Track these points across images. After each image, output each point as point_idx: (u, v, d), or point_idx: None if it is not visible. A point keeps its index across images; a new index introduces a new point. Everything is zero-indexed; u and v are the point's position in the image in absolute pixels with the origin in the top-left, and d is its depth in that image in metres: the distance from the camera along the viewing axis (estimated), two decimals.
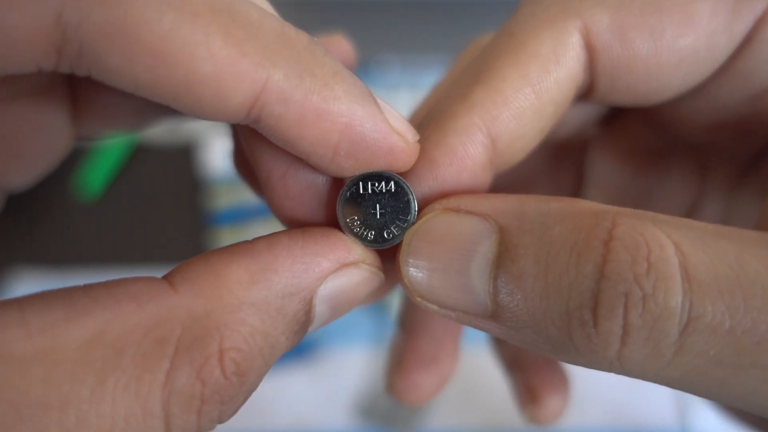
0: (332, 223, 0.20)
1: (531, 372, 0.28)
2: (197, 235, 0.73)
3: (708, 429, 0.57)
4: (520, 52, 0.19)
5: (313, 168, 0.19)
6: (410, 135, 0.19)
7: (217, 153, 0.79)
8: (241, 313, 0.16)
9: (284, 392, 0.60)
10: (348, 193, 0.19)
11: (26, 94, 0.21)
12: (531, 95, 0.19)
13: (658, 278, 0.15)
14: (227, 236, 0.71)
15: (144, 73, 0.15)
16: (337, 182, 0.20)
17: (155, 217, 0.75)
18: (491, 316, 0.18)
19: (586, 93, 0.21)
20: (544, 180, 0.29)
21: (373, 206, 0.19)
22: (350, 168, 0.18)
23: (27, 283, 0.67)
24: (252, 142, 0.19)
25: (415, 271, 0.19)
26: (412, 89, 0.85)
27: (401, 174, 0.19)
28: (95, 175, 0.78)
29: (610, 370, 0.16)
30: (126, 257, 0.71)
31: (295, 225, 0.20)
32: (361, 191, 0.19)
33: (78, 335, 0.15)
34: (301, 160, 0.19)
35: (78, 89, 0.23)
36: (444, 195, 0.20)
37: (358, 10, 0.91)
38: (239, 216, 0.72)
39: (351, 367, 0.61)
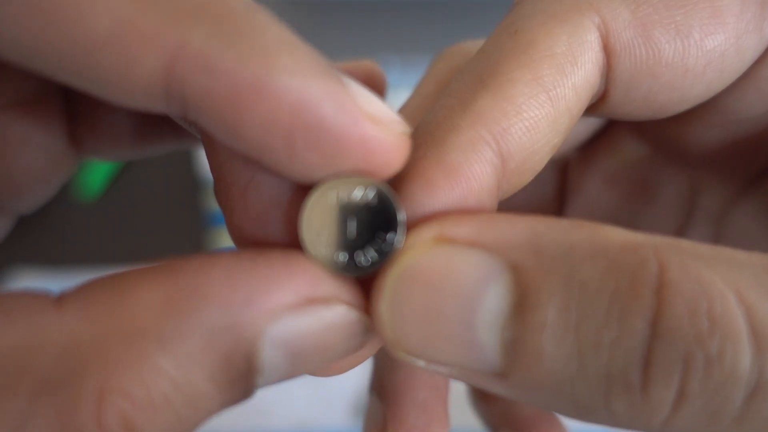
0: (300, 248, 0.15)
1: (525, 430, 0.24)
2: (197, 235, 0.73)
3: None
4: (530, 51, 0.16)
5: (275, 174, 0.15)
6: (394, 124, 0.15)
7: None
8: (143, 347, 0.12)
9: (284, 392, 0.60)
10: (315, 200, 0.15)
11: (11, 106, 0.19)
12: (546, 103, 0.16)
13: (723, 338, 0.12)
14: (227, 236, 0.71)
15: (23, 33, 0.12)
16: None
17: (155, 218, 0.75)
18: (499, 375, 0.14)
19: (593, 104, 0.18)
20: (523, 203, 0.26)
21: (346, 220, 0.15)
22: (316, 166, 0.14)
23: (27, 283, 0.67)
24: (211, 149, 0.16)
25: (400, 321, 0.14)
26: (412, 89, 0.85)
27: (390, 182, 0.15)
28: (95, 175, 0.78)
29: None
30: (126, 257, 0.71)
31: None
32: (332, 201, 0.15)
33: None
34: (263, 173, 0.15)
35: (74, 108, 0.21)
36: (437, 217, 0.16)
37: (358, 10, 0.91)
38: None
39: None
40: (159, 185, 0.79)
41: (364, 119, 0.14)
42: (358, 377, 0.61)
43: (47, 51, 0.12)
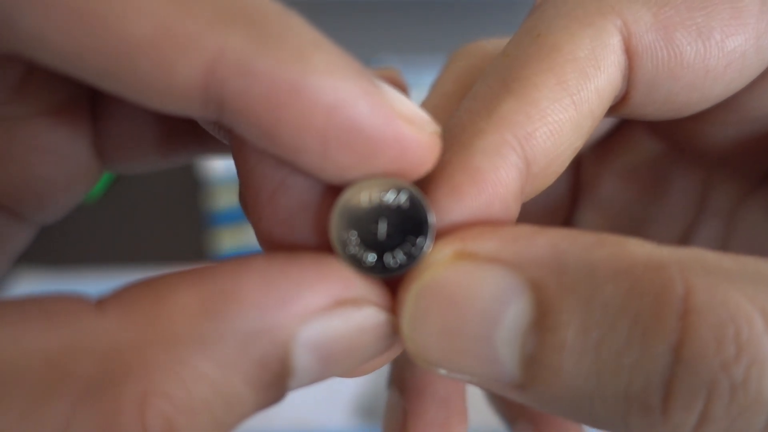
0: (330, 251, 0.15)
1: (542, 425, 0.24)
2: (197, 235, 0.73)
3: None
4: (554, 55, 0.16)
5: (308, 174, 0.15)
6: (426, 124, 0.15)
7: None
8: (183, 350, 0.12)
9: None
10: (347, 200, 0.15)
11: (41, 114, 0.19)
12: (570, 107, 0.16)
13: (749, 364, 0.12)
14: (227, 236, 0.71)
15: (65, 39, 0.12)
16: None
17: (155, 218, 0.75)
18: (519, 387, 0.14)
19: (614, 105, 0.18)
20: (535, 199, 0.27)
21: (376, 222, 0.15)
22: (350, 165, 0.14)
23: (27, 283, 0.67)
24: (240, 154, 0.16)
25: (421, 334, 0.15)
26: (412, 89, 0.85)
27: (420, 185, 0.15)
28: None
29: None
30: (126, 257, 0.71)
31: None
32: (364, 201, 0.15)
33: None
34: (293, 176, 0.15)
35: (100, 118, 0.21)
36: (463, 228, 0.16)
37: (358, 10, 0.91)
38: (239, 216, 0.72)
39: None
40: (160, 186, 0.79)
41: (397, 119, 0.14)
42: (358, 378, 0.61)
43: (89, 56, 0.12)
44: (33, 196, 0.20)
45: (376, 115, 0.14)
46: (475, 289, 0.14)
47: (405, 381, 0.21)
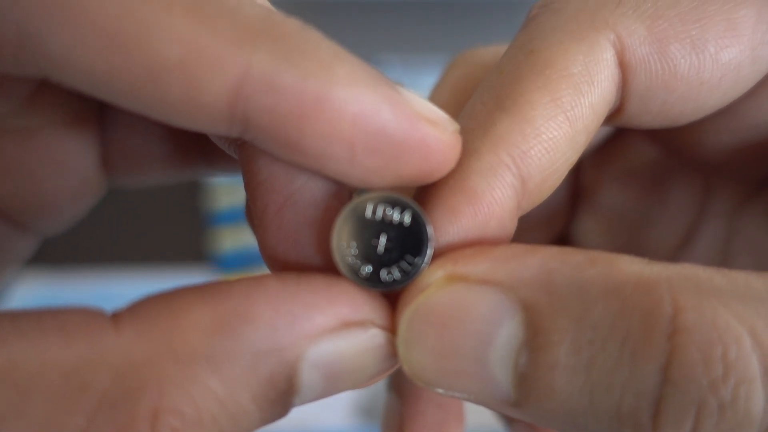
0: (334, 271, 0.16)
1: (538, 427, 0.25)
2: (197, 235, 0.73)
3: None
4: (547, 71, 0.16)
5: (334, 180, 0.15)
6: (447, 123, 0.15)
7: None
8: (194, 367, 0.13)
9: None
10: (351, 211, 0.15)
11: (51, 127, 0.20)
12: (564, 123, 0.16)
13: (737, 383, 0.12)
14: (227, 236, 0.71)
15: (95, 62, 0.13)
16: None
17: (155, 217, 0.75)
18: (514, 404, 0.15)
19: (610, 116, 0.18)
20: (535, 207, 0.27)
21: (378, 236, 0.15)
22: (378, 169, 0.15)
23: (27, 283, 0.67)
24: (249, 170, 0.16)
25: (416, 356, 0.15)
26: (412, 89, 0.85)
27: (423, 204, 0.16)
28: None
29: None
30: (126, 257, 0.71)
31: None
32: (368, 214, 0.15)
33: None
34: (300, 192, 0.16)
35: (108, 134, 0.21)
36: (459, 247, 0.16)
37: (358, 10, 0.91)
38: (239, 216, 0.72)
39: None
40: (159, 186, 0.79)
41: (420, 121, 0.14)
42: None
43: (119, 79, 0.13)
44: (39, 207, 0.20)
45: (400, 119, 0.14)
46: (468, 310, 0.15)
47: (403, 385, 0.22)
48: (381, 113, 0.14)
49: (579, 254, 0.15)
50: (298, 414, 0.59)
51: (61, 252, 0.72)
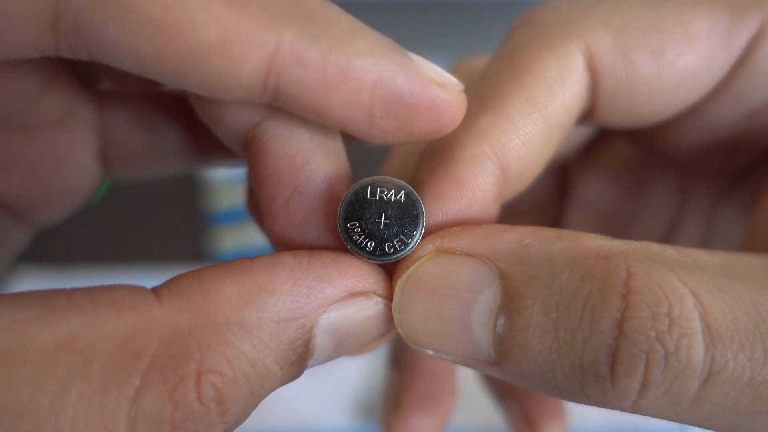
0: (337, 250, 0.18)
1: (527, 400, 0.27)
2: (197, 235, 0.73)
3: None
4: (524, 75, 0.19)
5: (354, 138, 0.17)
6: (453, 85, 0.17)
7: None
8: (228, 334, 0.15)
9: (284, 392, 0.60)
10: (353, 195, 0.17)
11: (56, 122, 0.21)
12: (539, 120, 0.18)
13: (680, 335, 0.14)
14: (227, 236, 0.71)
15: (145, 46, 0.14)
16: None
17: (155, 217, 0.75)
18: (494, 363, 0.16)
19: (584, 116, 0.21)
20: (526, 201, 0.29)
21: (378, 214, 0.17)
22: (394, 131, 0.17)
23: (27, 283, 0.67)
24: (257, 164, 0.18)
25: (409, 319, 0.17)
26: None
27: (415, 186, 0.18)
28: None
29: (621, 411, 0.16)
30: (126, 257, 0.71)
31: None
32: (368, 196, 0.17)
33: (47, 337, 0.13)
34: (305, 184, 0.17)
35: (106, 127, 0.22)
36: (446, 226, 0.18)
37: (358, 10, 0.91)
38: (239, 216, 0.72)
39: (351, 367, 0.61)
40: (160, 185, 0.79)
41: (432, 85, 0.16)
42: (357, 377, 0.61)
43: (166, 60, 0.15)
44: (39, 199, 0.22)
45: (414, 84, 0.16)
46: (453, 279, 0.17)
47: (401, 360, 0.25)
48: (396, 80, 0.16)
49: (550, 231, 0.17)
50: (298, 414, 0.59)
51: (61, 251, 0.72)
